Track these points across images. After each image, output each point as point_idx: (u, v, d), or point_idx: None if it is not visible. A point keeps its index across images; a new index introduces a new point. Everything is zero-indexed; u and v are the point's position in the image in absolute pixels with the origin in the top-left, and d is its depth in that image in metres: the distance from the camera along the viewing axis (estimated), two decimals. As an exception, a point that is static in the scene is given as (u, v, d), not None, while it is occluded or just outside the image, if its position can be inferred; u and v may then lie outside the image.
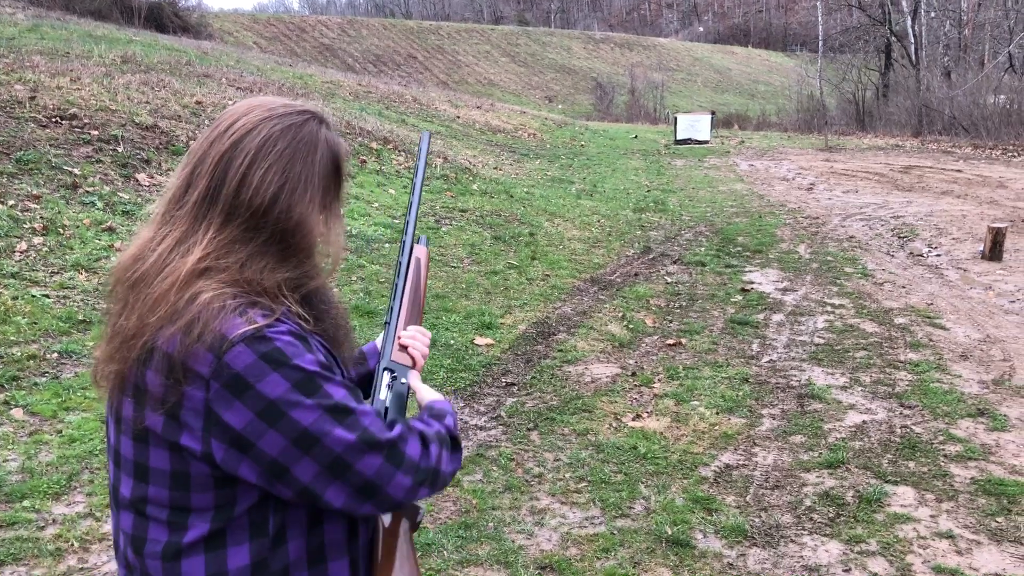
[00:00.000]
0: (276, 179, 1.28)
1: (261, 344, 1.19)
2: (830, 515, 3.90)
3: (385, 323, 1.58)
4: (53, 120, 8.58)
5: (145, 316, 1.22)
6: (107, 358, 1.28)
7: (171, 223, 1.28)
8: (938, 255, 9.84)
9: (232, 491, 1.24)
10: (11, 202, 6.75)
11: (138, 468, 1.26)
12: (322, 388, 1.22)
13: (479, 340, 6.25)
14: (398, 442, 1.26)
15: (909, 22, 33.75)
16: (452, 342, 6.13)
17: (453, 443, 1.38)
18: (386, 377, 1.50)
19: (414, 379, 1.52)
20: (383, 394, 1.48)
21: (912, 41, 33.62)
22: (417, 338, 1.58)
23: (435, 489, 1.33)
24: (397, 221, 9.37)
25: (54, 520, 3.56)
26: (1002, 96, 27.24)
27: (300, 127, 1.31)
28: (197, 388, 1.19)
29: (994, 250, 9.39)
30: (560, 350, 6.18)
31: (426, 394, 1.50)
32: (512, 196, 12.36)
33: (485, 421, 4.91)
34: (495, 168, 15.21)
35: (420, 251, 1.67)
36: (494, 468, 4.31)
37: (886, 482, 4.19)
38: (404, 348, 1.55)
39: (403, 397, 1.50)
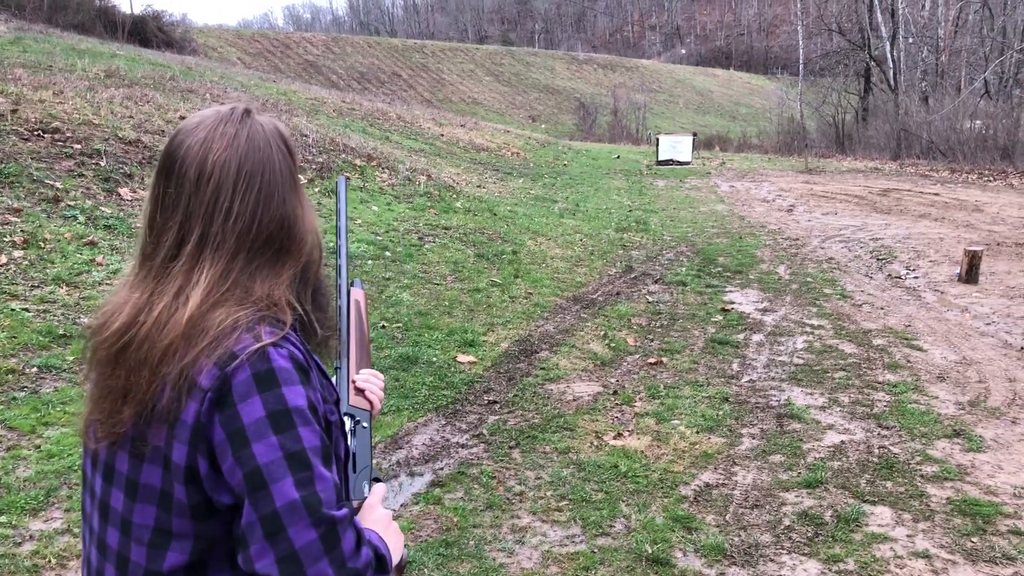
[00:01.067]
0: (256, 195, 1.29)
1: (259, 362, 1.20)
2: (809, 534, 3.93)
3: (336, 368, 1.54)
4: (35, 133, 8.55)
5: (157, 367, 1.21)
6: (109, 415, 1.26)
7: (165, 279, 1.27)
8: (916, 277, 9.95)
9: (212, 521, 1.24)
10: (-9, 215, 6.71)
11: (129, 484, 1.26)
12: (294, 428, 1.18)
13: (461, 357, 6.26)
14: (339, 524, 1.18)
15: (888, 47, 34.24)
16: (434, 359, 6.14)
17: (379, 563, 1.28)
18: (347, 423, 1.47)
19: (377, 486, 1.46)
20: (348, 440, 1.45)
21: (891, 66, 34.11)
22: (372, 381, 1.57)
23: None
24: (380, 238, 9.38)
25: (31, 536, 3.53)
26: (978, 121, 27.65)
27: (250, 135, 1.31)
28: (195, 400, 1.20)
29: (970, 273, 9.52)
30: (542, 368, 6.20)
31: (373, 506, 1.43)
32: (495, 214, 12.41)
33: (467, 439, 4.91)
34: (478, 186, 15.27)
35: (358, 293, 1.66)
36: (475, 486, 4.31)
37: (864, 502, 4.23)
38: (360, 392, 1.54)
39: (367, 441, 1.48)
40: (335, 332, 1.47)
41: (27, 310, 5.64)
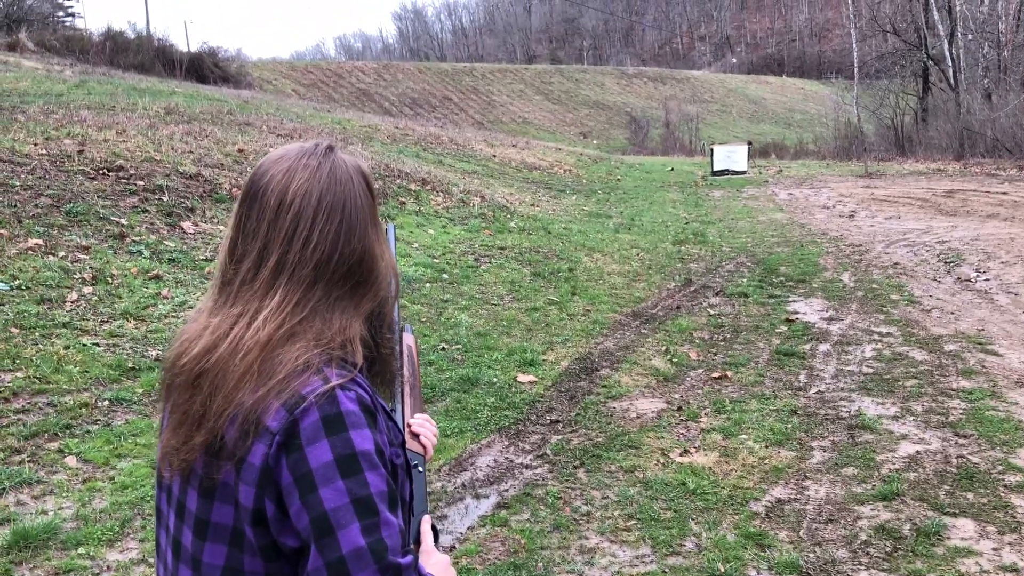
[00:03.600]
0: (336, 227, 1.30)
1: (328, 405, 1.19)
2: (887, 549, 3.80)
3: (391, 410, 1.54)
4: (100, 172, 8.82)
5: (231, 393, 1.21)
6: (183, 442, 1.26)
7: (241, 303, 1.28)
8: (987, 280, 9.65)
9: (281, 562, 1.22)
10: (61, 253, 6.93)
11: (198, 523, 1.26)
12: (361, 473, 1.17)
13: (522, 377, 6.24)
14: (404, 571, 1.16)
15: (946, 45, 33.45)
16: (495, 380, 6.12)
17: None
18: None
19: (425, 525, 1.46)
20: (413, 483, 1.45)
21: (950, 64, 33.30)
22: (426, 426, 1.58)
23: None
24: (437, 260, 9.43)
25: (108, 567, 3.59)
26: (1046, 116, 26.80)
27: (332, 169, 1.32)
28: (263, 442, 1.19)
29: (1045, 273, 9.19)
30: (604, 386, 6.14)
31: (430, 551, 1.42)
32: (550, 232, 12.39)
33: (531, 459, 4.88)
34: (532, 205, 15.28)
35: (409, 339, 1.68)
36: (541, 507, 4.28)
37: (944, 514, 4.08)
38: (416, 436, 1.54)
39: (423, 485, 1.48)
40: (400, 370, 1.48)
41: (97, 344, 5.78)
